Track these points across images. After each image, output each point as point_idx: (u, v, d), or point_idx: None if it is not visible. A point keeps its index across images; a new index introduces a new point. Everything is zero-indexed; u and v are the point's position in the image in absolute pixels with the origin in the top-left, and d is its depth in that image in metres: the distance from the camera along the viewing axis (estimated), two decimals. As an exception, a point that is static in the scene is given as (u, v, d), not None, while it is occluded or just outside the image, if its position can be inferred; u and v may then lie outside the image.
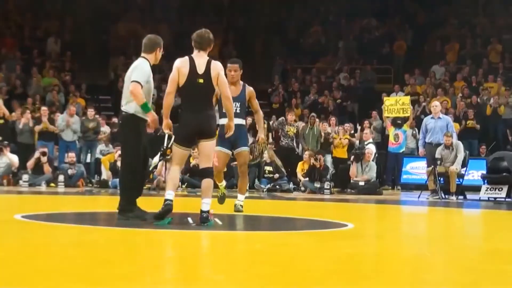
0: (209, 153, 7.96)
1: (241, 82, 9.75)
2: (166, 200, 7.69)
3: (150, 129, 8.37)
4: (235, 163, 11.55)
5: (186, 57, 7.86)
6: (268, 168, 19.20)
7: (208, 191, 7.88)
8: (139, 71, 8.07)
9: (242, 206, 9.79)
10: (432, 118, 17.18)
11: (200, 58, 7.81)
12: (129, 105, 8.10)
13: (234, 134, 8.65)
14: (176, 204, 7.88)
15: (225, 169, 11.29)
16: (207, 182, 7.93)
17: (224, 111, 8.63)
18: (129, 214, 8.05)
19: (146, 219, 8.04)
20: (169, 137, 7.85)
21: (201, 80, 7.71)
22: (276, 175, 19.12)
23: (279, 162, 19.35)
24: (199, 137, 7.90)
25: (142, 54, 8.31)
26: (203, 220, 7.66)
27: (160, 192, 15.29)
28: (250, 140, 13.49)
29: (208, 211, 7.73)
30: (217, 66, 7.75)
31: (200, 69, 7.72)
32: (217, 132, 8.33)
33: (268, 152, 19.28)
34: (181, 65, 7.82)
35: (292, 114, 20.95)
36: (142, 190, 8.61)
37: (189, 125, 7.91)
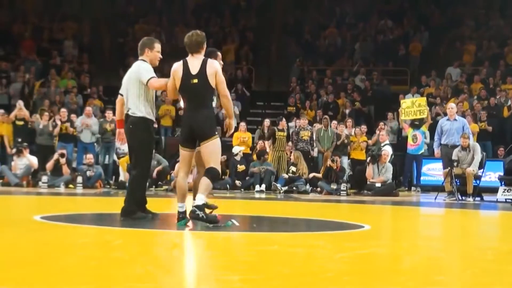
0: (209, 155, 7.80)
1: None
2: (179, 213, 7.79)
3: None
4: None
5: (181, 61, 7.89)
6: (292, 168, 19.30)
7: (205, 189, 7.71)
8: (143, 69, 8.24)
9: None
10: (448, 120, 17.16)
11: (194, 60, 7.81)
12: (137, 109, 8.13)
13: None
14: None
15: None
16: (203, 180, 7.76)
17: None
18: (133, 216, 8.10)
19: (149, 220, 8.12)
20: None
21: (195, 80, 7.70)
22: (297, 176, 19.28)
23: (304, 165, 19.41)
24: (198, 140, 7.89)
25: (139, 58, 8.52)
26: (192, 214, 7.62)
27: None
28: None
29: (201, 206, 7.60)
30: (213, 65, 7.72)
31: (194, 70, 7.71)
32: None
33: (294, 154, 19.44)
34: (175, 68, 7.88)
35: (304, 119, 21.02)
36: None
37: (186, 125, 7.96)
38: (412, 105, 19.78)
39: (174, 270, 5.07)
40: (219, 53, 8.71)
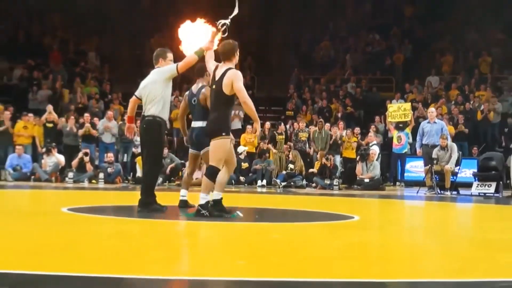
0: (211, 154, 7.71)
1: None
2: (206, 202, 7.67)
3: None
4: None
5: (217, 64, 7.85)
6: (290, 165, 19.39)
7: (205, 187, 7.64)
8: (165, 68, 8.31)
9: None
10: (428, 122, 17.24)
11: (222, 67, 7.69)
12: (152, 110, 8.13)
13: (198, 135, 8.63)
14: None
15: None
16: (203, 180, 7.66)
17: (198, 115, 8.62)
18: (150, 207, 8.09)
19: (164, 211, 8.12)
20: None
21: (213, 86, 7.66)
22: (296, 172, 19.34)
23: (301, 162, 19.52)
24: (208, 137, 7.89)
25: (155, 67, 8.50)
26: (196, 213, 7.59)
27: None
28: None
29: (204, 205, 7.54)
30: (231, 74, 7.52)
31: (216, 77, 7.63)
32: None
33: (292, 153, 19.55)
34: (213, 69, 7.84)
35: (302, 122, 21.20)
36: None
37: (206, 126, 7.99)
38: (398, 110, 19.90)
39: (185, 257, 5.07)
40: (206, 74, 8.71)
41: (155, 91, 8.19)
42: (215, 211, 7.51)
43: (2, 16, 27.58)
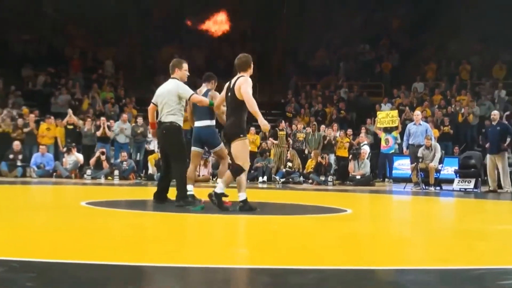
0: (234, 154, 7.77)
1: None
2: (240, 201, 7.80)
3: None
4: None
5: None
6: (289, 163, 19.45)
7: (224, 180, 7.77)
8: (182, 87, 8.21)
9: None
10: (414, 124, 17.29)
11: (236, 77, 7.80)
12: (170, 117, 8.12)
13: (205, 134, 8.66)
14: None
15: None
16: (227, 174, 7.81)
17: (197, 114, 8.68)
18: (186, 201, 8.08)
19: (197, 204, 8.05)
20: None
21: (229, 93, 7.75)
22: (295, 170, 19.37)
23: (298, 161, 19.59)
24: (226, 140, 7.98)
25: (171, 76, 8.40)
26: (209, 197, 7.73)
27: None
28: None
29: (218, 194, 7.65)
30: (241, 80, 7.63)
31: (231, 85, 7.76)
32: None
33: (291, 152, 19.63)
34: (226, 85, 7.93)
35: (300, 124, 21.31)
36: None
37: (223, 130, 8.06)
38: (387, 116, 19.97)
39: (193, 246, 5.07)
40: (215, 78, 8.93)
41: (171, 102, 8.15)
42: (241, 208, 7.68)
43: (27, 29, 27.60)
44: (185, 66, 8.52)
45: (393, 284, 3.68)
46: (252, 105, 7.64)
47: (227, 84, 8.00)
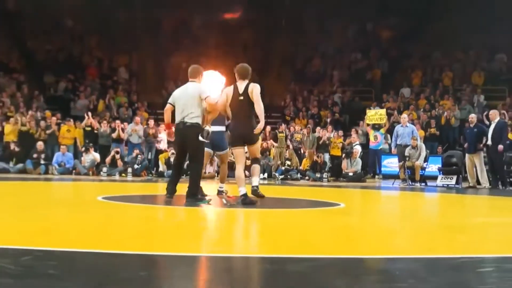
0: (256, 151, 8.43)
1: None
2: (241, 195, 7.87)
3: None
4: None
5: (232, 85, 8.26)
6: (288, 162, 19.45)
7: (255, 171, 8.42)
8: (203, 89, 8.08)
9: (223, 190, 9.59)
10: (401, 126, 17.36)
11: (241, 84, 8.13)
12: (195, 119, 8.01)
13: (216, 138, 8.76)
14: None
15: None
16: (256, 167, 8.40)
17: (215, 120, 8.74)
18: (196, 198, 8.04)
19: (208, 201, 8.03)
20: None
21: (241, 98, 8.00)
22: (293, 168, 19.37)
23: (296, 159, 19.61)
24: (246, 142, 8.27)
25: (191, 79, 8.23)
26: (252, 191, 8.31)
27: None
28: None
29: (256, 186, 8.39)
30: (253, 85, 8.08)
31: (240, 90, 8.04)
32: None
33: (289, 151, 19.69)
34: (227, 90, 8.26)
35: (298, 126, 21.36)
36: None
37: (235, 130, 8.23)
38: (375, 114, 20.03)
39: (200, 236, 5.08)
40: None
41: (194, 105, 8.01)
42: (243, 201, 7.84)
43: (48, 39, 27.63)
44: (204, 73, 8.52)
45: (383, 272, 3.69)
46: (262, 108, 8.06)
47: (228, 89, 8.21)
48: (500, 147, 15.28)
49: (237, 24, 29.03)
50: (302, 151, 20.30)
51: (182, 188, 8.21)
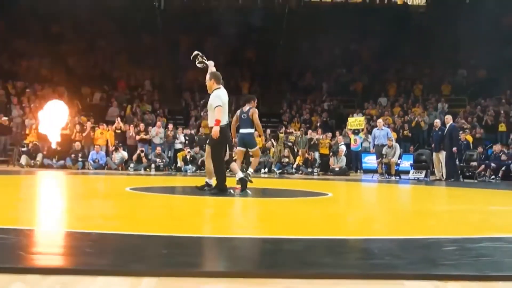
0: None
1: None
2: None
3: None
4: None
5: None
6: (285, 159, 19.43)
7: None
8: (216, 97, 7.81)
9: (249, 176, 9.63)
10: (378, 129, 17.42)
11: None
12: (212, 120, 7.87)
13: (248, 139, 9.06)
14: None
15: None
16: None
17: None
18: (223, 190, 7.86)
19: (233, 192, 7.89)
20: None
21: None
22: (289, 164, 19.39)
23: (291, 157, 19.62)
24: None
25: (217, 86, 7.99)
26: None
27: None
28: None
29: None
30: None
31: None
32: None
33: (288, 150, 19.71)
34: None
35: (293, 129, 21.39)
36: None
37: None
38: (355, 121, 20.05)
39: (211, 221, 5.08)
40: (255, 99, 9.50)
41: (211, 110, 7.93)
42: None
43: (85, 57, 27.64)
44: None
45: (364, 250, 3.69)
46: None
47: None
48: (454, 149, 15.42)
49: (242, 45, 29.02)
50: (296, 150, 20.28)
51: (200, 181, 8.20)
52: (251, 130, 9.13)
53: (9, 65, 25.52)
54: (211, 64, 8.44)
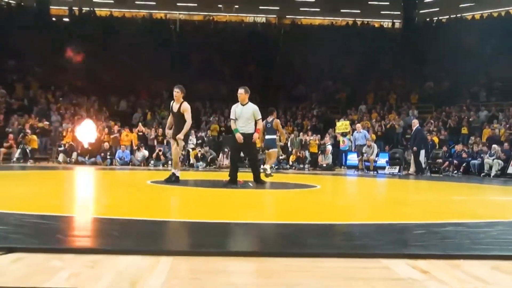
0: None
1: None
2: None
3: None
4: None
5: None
6: (281, 157, 19.43)
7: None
8: (257, 111, 8.11)
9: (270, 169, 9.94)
10: (357, 132, 17.48)
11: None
12: (249, 127, 8.05)
13: (270, 143, 9.87)
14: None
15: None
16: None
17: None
18: (259, 181, 8.13)
19: (264, 184, 8.10)
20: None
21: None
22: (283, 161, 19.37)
23: (285, 155, 19.62)
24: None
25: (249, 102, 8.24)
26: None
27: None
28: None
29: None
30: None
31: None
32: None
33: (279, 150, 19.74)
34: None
35: (288, 132, 21.39)
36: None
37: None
38: (342, 125, 19.98)
39: (216, 209, 5.08)
40: (275, 110, 10.03)
41: (249, 118, 8.14)
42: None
43: (112, 71, 27.63)
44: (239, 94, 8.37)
45: (346, 233, 3.69)
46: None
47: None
48: (415, 148, 15.37)
49: (245, 61, 29.01)
50: (290, 149, 20.25)
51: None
52: (274, 136, 9.92)
53: (49, 77, 25.55)
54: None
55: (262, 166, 9.66)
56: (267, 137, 9.81)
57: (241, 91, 8.12)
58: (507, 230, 3.79)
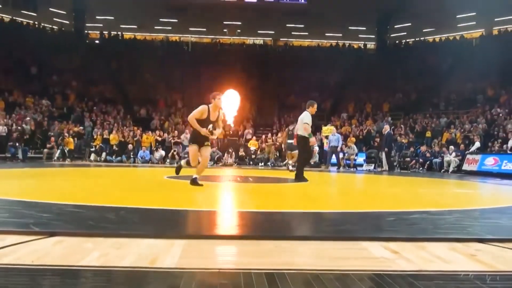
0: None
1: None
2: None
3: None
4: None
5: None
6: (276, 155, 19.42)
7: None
8: (306, 117, 8.35)
9: (292, 166, 10.05)
10: (332, 135, 17.51)
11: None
12: (302, 132, 8.34)
13: (291, 146, 9.48)
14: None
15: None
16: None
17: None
18: (302, 179, 8.11)
19: (307, 180, 8.05)
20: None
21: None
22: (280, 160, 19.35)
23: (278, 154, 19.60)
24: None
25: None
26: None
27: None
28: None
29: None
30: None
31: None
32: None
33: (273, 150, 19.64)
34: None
35: (282, 136, 21.38)
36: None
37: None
38: (328, 129, 19.98)
39: (219, 200, 5.06)
40: (315, 104, 8.95)
41: (300, 123, 8.41)
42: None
43: (133, 83, 27.59)
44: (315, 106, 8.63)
45: (331, 220, 3.68)
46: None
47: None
48: (386, 149, 15.28)
49: (246, 76, 28.98)
50: (284, 150, 20.19)
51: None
52: (291, 141, 10.27)
53: (83, 89, 25.55)
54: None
55: (289, 162, 9.72)
56: (289, 141, 10.14)
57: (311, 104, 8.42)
58: (463, 217, 3.80)
